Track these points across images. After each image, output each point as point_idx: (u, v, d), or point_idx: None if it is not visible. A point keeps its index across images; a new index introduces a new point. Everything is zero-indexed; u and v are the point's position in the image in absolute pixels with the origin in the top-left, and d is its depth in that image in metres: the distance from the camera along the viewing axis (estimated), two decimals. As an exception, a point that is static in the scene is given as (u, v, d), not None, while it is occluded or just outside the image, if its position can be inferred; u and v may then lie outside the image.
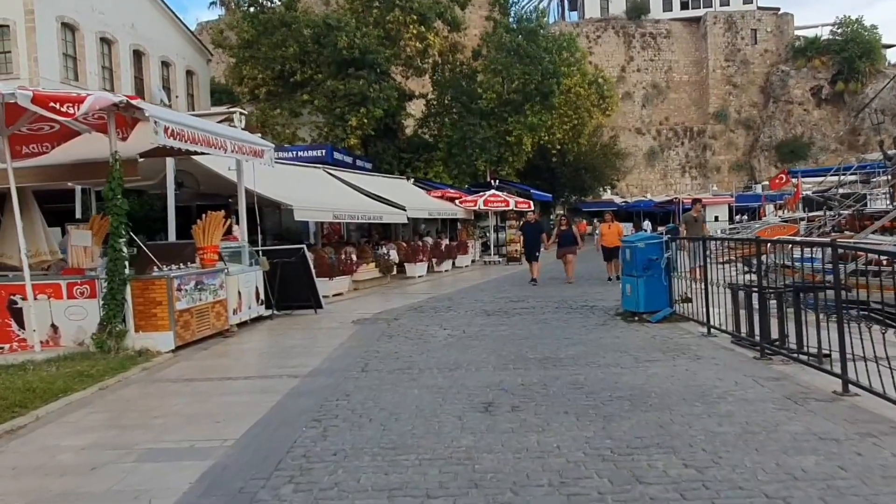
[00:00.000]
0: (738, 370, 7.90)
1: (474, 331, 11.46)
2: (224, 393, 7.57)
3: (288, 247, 15.20)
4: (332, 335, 11.50)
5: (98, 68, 31.42)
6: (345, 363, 8.94)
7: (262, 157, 13.08)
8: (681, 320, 11.70)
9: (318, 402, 6.89)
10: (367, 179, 26.86)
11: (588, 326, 11.69)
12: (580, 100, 43.16)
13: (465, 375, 7.97)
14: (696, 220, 17.64)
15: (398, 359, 9.13)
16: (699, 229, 16.93)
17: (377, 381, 7.82)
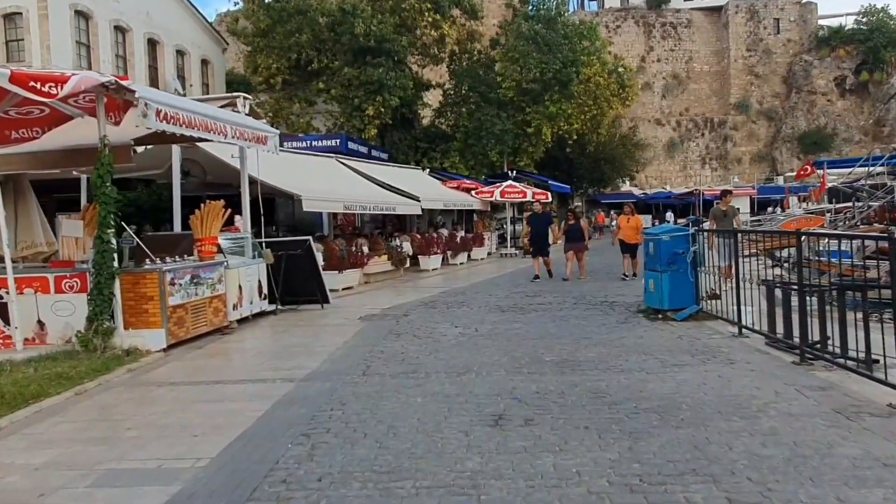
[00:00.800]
0: (776, 377, 7.15)
1: (487, 329, 10.76)
2: (209, 399, 6.91)
3: (293, 238, 14.53)
4: (337, 333, 10.83)
5: (112, 57, 30.87)
6: (346, 365, 8.27)
7: (266, 144, 12.43)
8: (708, 318, 10.95)
9: (310, 412, 6.22)
10: (381, 169, 26.20)
11: (608, 325, 10.96)
12: (599, 89, 42.17)
13: (474, 381, 7.28)
14: (725, 214, 15.55)
15: (403, 360, 8.45)
16: (730, 225, 14.84)
17: (378, 386, 7.14)
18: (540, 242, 19.51)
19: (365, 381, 7.44)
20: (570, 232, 19.12)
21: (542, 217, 20.30)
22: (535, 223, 19.94)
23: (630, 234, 18.34)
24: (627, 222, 18.84)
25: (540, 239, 19.56)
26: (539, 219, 20.07)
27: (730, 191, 17.45)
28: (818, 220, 26.56)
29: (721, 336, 9.59)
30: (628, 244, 18.48)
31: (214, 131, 10.37)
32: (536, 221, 19.99)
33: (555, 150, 45.30)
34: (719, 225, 14.98)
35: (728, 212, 15.52)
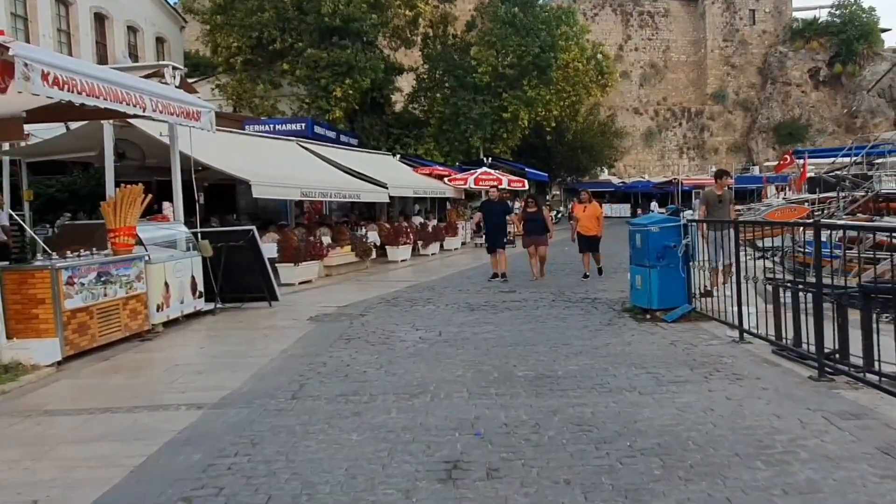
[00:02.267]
0: (796, 399, 5.80)
1: (452, 332, 9.34)
2: (83, 438, 5.37)
3: (235, 228, 13.02)
4: (278, 338, 9.36)
5: (53, 31, 28.80)
6: (275, 384, 6.81)
7: (199, 121, 10.88)
8: (701, 319, 9.61)
9: (205, 459, 4.76)
10: (347, 155, 24.68)
11: (591, 327, 9.57)
12: (578, 75, 40.90)
13: (428, 406, 5.86)
14: (720, 199, 12.08)
15: (347, 377, 7.00)
16: (726, 213, 11.98)
17: (306, 417, 5.69)
18: (495, 234, 16.33)
19: (293, 407, 5.99)
20: (528, 222, 16.06)
21: (498, 205, 16.91)
22: (489, 211, 16.77)
23: (588, 226, 15.70)
24: (584, 211, 15.97)
25: (495, 230, 16.38)
26: (493, 207, 16.79)
27: (726, 172, 14.08)
28: (802, 210, 25.43)
29: (720, 342, 8.23)
30: (587, 237, 15.76)
31: (129, 102, 8.79)
32: (491, 209, 16.76)
33: (532, 138, 44.10)
34: (713, 213, 11.91)
35: (724, 197, 12.21)
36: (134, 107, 8.95)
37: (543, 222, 15.83)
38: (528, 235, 15.96)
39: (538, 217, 15.88)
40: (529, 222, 15.96)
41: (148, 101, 9.22)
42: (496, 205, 16.84)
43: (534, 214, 15.93)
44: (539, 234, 15.70)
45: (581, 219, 15.89)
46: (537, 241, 15.72)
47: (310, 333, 9.63)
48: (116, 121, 12.55)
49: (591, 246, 15.79)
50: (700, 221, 10.98)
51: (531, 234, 15.84)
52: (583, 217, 15.85)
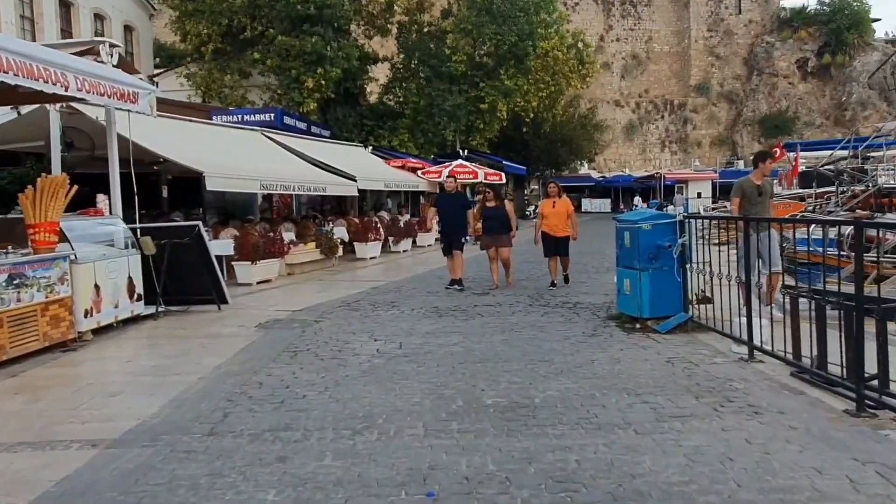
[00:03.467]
0: (835, 444, 4.66)
1: (415, 344, 8.18)
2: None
3: (179, 224, 11.82)
4: (217, 349, 8.17)
5: (15, 17, 27.39)
6: (195, 412, 5.63)
7: (137, 103, 9.66)
8: (699, 330, 8.51)
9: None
10: (316, 146, 23.46)
11: (573, 338, 8.45)
12: (558, 64, 39.81)
13: (373, 449, 4.70)
14: (760, 190, 9.50)
15: (282, 403, 5.83)
16: (767, 209, 9.63)
17: (219, 463, 4.51)
18: (451, 233, 13.64)
19: (206, 447, 4.81)
20: (488, 220, 13.46)
21: (455, 199, 14.04)
22: (445, 206, 13.96)
23: (557, 224, 13.08)
24: (553, 207, 13.28)
25: (452, 228, 13.66)
26: (450, 200, 13.99)
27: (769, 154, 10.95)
28: (798, 206, 24.46)
29: (726, 360, 7.12)
30: (554, 238, 13.13)
31: (46, 80, 7.59)
32: (447, 203, 13.96)
33: (510, 130, 43.07)
34: (751, 210, 9.35)
35: (764, 188, 9.61)
36: (53, 84, 7.75)
37: (506, 219, 13.37)
38: (488, 234, 13.51)
39: (499, 213, 13.40)
40: (489, 219, 13.46)
41: (72, 80, 8.01)
42: (453, 198, 14.03)
43: (494, 210, 13.45)
44: (501, 232, 13.33)
45: (548, 216, 13.21)
46: (499, 242, 13.30)
47: (254, 344, 8.44)
48: (62, 106, 11.35)
49: (560, 249, 13.27)
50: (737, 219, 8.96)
51: (491, 234, 13.43)
52: (551, 214, 13.20)
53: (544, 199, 13.90)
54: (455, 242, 13.46)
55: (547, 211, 13.38)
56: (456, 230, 13.58)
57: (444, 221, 13.93)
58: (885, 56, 77.69)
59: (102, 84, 8.86)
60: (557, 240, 13.19)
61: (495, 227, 13.34)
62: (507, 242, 13.37)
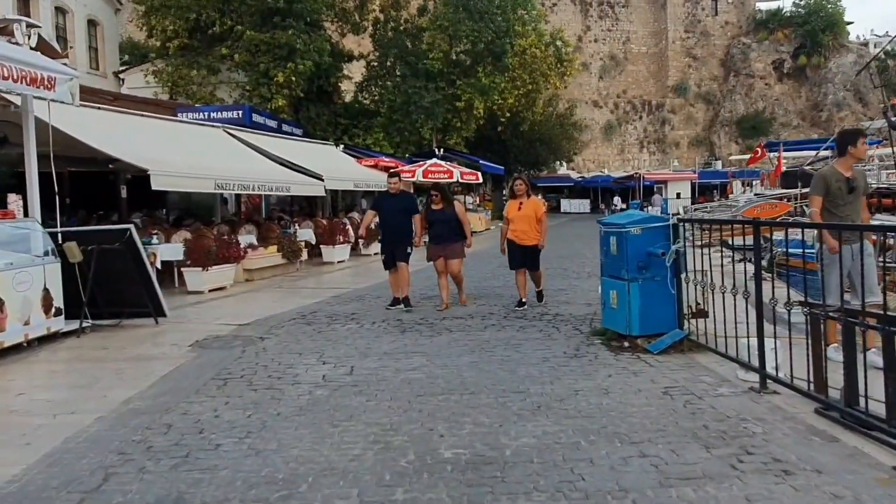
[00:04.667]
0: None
1: (369, 369, 7.00)
2: None
3: (107, 228, 10.57)
4: (133, 376, 6.93)
5: (-32, 10, 26.04)
6: (69, 472, 4.39)
7: (54, 90, 8.42)
8: (697, 349, 7.40)
9: None
10: (284, 144, 22.22)
11: (553, 360, 7.30)
12: (536, 62, 38.82)
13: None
14: (851, 185, 7.15)
15: (186, 458, 4.60)
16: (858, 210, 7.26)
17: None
18: (394, 242, 11.16)
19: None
20: (434, 225, 11.13)
21: (399, 200, 11.31)
22: (386, 209, 11.30)
23: (524, 231, 10.74)
24: (519, 209, 10.82)
25: (395, 236, 11.16)
26: (391, 202, 11.28)
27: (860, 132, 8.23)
28: (784, 207, 23.57)
29: (733, 390, 6.00)
30: (521, 247, 10.80)
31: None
32: (388, 206, 11.29)
33: (487, 130, 42.06)
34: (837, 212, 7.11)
35: (856, 182, 7.22)
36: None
37: (455, 224, 11.00)
38: (435, 243, 11.12)
39: (447, 217, 11.00)
40: (435, 225, 11.10)
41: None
42: (396, 200, 11.27)
43: (441, 213, 11.03)
44: (450, 240, 10.97)
45: (514, 220, 10.83)
46: (447, 252, 10.96)
47: (180, 369, 7.21)
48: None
49: (529, 260, 10.91)
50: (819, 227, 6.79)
51: (439, 242, 11.07)
52: (517, 218, 10.80)
53: (509, 199, 11.33)
54: (399, 253, 11.07)
55: (512, 214, 10.90)
56: (399, 238, 11.11)
57: (384, 228, 11.43)
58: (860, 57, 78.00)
59: (8, 67, 7.62)
60: (525, 249, 10.77)
61: (443, 233, 11.01)
62: (456, 252, 10.99)
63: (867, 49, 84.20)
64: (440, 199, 11.16)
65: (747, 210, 24.44)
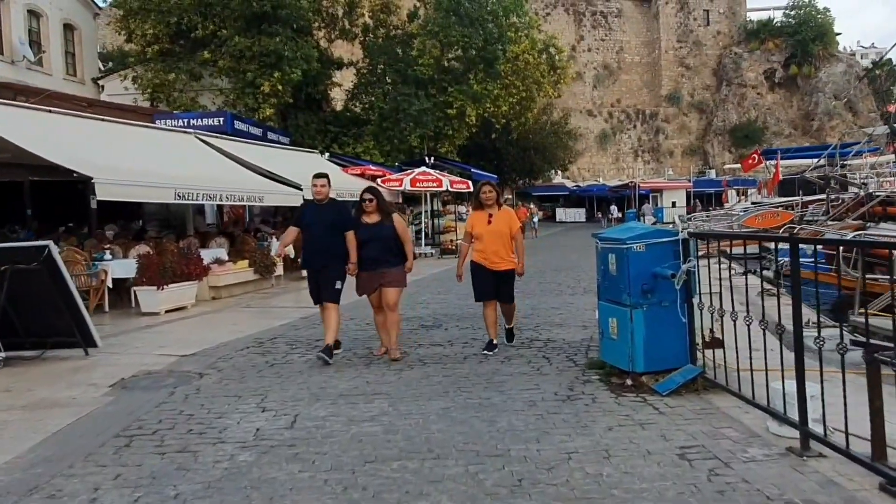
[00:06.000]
0: None
1: (314, 419, 5.69)
2: None
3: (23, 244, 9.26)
4: (16, 432, 5.58)
5: (-64, 12, 24.81)
6: None
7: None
8: (713, 389, 6.14)
9: None
10: (263, 152, 21.08)
11: (542, 405, 6.01)
12: (529, 68, 37.74)
13: None
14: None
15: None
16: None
17: None
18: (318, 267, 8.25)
19: None
20: (365, 245, 8.09)
21: (325, 212, 8.25)
22: (310, 221, 8.30)
23: (496, 252, 8.17)
24: (489, 223, 8.21)
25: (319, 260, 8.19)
26: (317, 214, 8.29)
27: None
28: (786, 216, 22.40)
29: (766, 451, 4.72)
30: (492, 273, 8.21)
31: None
32: (313, 217, 8.30)
33: (481, 138, 41.03)
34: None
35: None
36: None
37: (392, 242, 8.12)
38: (367, 269, 8.11)
39: (385, 233, 8.06)
40: (369, 244, 8.05)
41: None
42: (323, 212, 8.21)
43: (375, 229, 8.07)
44: (386, 263, 8.08)
45: (482, 238, 8.20)
46: (384, 280, 8.09)
47: (83, 421, 5.88)
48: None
49: (501, 289, 8.30)
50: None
51: (372, 267, 8.08)
52: (486, 235, 8.17)
53: (474, 209, 8.56)
54: (325, 284, 8.12)
55: (480, 229, 8.21)
56: (325, 263, 8.08)
57: (306, 248, 8.59)
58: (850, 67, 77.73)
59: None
60: (496, 276, 8.20)
61: (377, 256, 8.04)
62: (395, 280, 8.13)
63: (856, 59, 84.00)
64: (374, 208, 8.13)
65: (748, 219, 23.33)
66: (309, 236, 8.31)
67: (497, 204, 8.35)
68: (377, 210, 8.17)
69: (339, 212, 8.32)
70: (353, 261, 8.04)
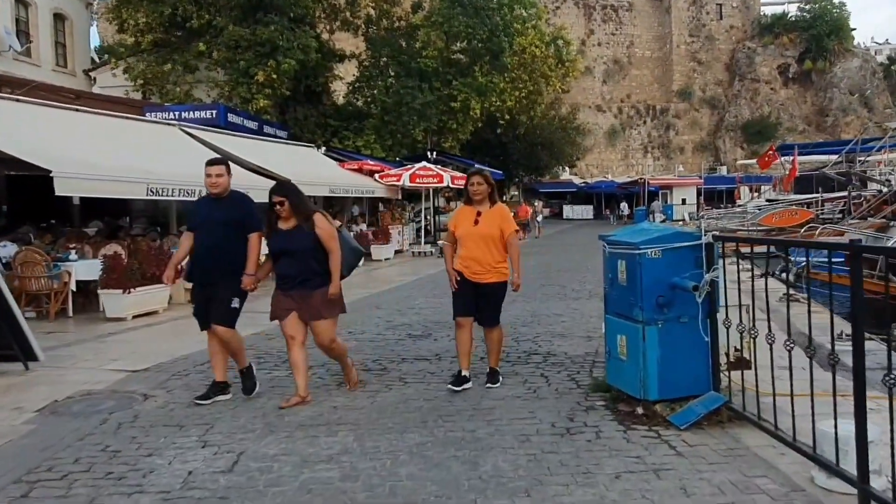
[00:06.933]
0: None
1: (261, 459, 4.71)
2: None
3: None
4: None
5: (-82, -1, 23.94)
6: None
7: None
8: (736, 420, 5.17)
9: None
10: (253, 145, 20.13)
11: (536, 441, 5.03)
12: (536, 61, 36.73)
13: None
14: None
15: None
16: None
17: None
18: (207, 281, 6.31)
19: None
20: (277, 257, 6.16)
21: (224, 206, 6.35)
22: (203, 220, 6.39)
23: (479, 260, 6.52)
24: (475, 224, 6.55)
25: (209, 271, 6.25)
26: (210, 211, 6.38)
27: None
28: (805, 214, 21.41)
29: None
30: (473, 285, 6.56)
31: None
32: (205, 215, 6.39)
33: (486, 133, 40.04)
34: None
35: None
36: None
37: (314, 255, 6.08)
38: (282, 289, 6.18)
39: (303, 242, 6.05)
40: (282, 258, 6.14)
41: None
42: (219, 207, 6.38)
43: (291, 235, 6.07)
44: (303, 285, 6.08)
45: (465, 240, 6.59)
46: (302, 307, 6.12)
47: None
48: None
49: (483, 308, 6.59)
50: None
51: (287, 286, 6.14)
52: (470, 237, 6.55)
53: (464, 204, 6.84)
54: (216, 302, 6.22)
55: (463, 230, 6.60)
56: (217, 276, 6.21)
57: (194, 255, 6.40)
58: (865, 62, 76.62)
59: None
60: (479, 288, 6.53)
61: (293, 272, 6.07)
62: (318, 308, 6.09)
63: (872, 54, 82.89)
64: (288, 210, 6.03)
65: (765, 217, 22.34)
66: (198, 240, 6.32)
67: (489, 200, 6.67)
68: (292, 212, 6.04)
69: (239, 207, 6.35)
70: (251, 272, 6.15)
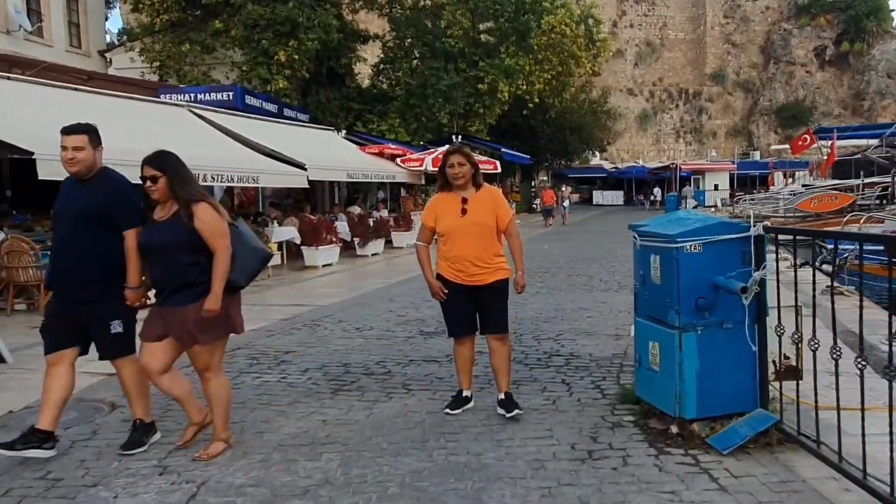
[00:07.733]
0: None
1: (224, 492, 4.00)
2: None
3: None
4: None
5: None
6: None
7: None
8: (787, 443, 4.37)
9: None
10: (268, 128, 19.46)
11: (552, 468, 4.26)
12: (566, 40, 35.67)
13: None
14: None
15: None
16: None
17: None
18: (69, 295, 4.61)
19: None
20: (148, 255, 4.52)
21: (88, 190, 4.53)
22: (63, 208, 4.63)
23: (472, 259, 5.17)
24: (462, 214, 5.17)
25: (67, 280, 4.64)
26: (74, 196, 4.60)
27: None
28: (845, 198, 20.38)
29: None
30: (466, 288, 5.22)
31: None
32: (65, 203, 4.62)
33: (515, 117, 39.13)
34: None
35: None
36: None
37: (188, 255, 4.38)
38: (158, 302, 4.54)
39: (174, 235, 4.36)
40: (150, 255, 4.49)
41: None
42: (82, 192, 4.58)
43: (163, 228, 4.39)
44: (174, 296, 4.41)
45: (452, 235, 5.22)
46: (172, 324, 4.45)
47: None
48: None
49: (486, 315, 5.30)
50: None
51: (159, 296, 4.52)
52: (458, 231, 5.19)
53: (439, 190, 5.50)
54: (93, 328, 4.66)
55: (448, 224, 5.25)
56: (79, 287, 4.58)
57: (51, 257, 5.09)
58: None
59: None
60: (478, 294, 5.27)
61: (164, 276, 4.47)
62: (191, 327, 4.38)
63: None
64: (163, 191, 4.40)
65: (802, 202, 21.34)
66: (55, 238, 4.89)
67: (473, 183, 5.26)
68: (169, 194, 4.40)
69: (107, 192, 4.56)
70: (133, 283, 4.56)
